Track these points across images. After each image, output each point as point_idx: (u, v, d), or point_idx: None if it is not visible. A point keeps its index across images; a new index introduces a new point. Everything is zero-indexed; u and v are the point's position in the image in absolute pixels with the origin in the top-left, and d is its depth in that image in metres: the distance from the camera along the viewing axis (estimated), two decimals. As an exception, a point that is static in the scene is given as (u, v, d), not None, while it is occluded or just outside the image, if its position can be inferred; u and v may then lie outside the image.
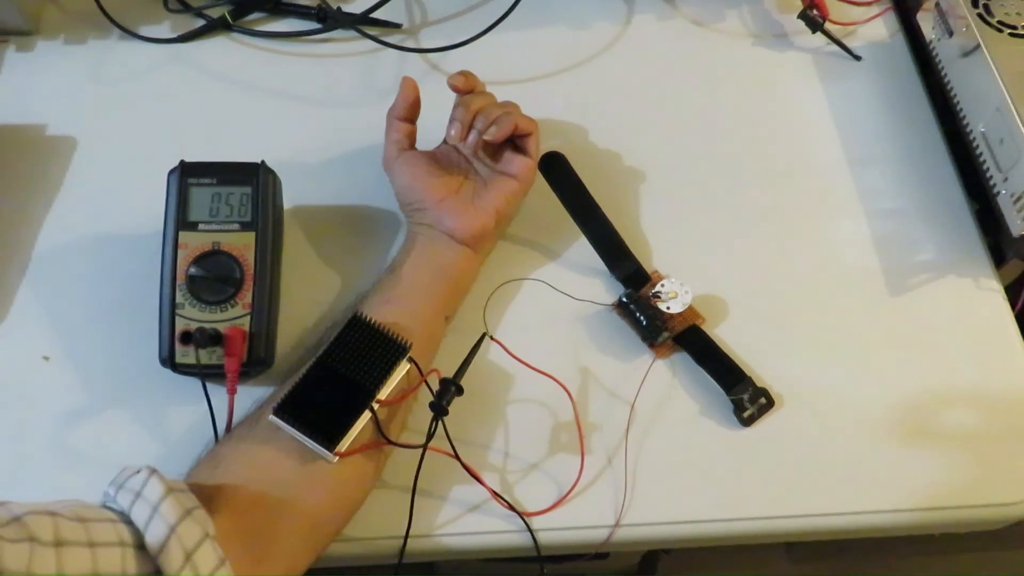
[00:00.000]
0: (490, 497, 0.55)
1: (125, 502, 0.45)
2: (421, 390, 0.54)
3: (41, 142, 0.70)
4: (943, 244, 0.67)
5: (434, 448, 0.53)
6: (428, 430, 0.53)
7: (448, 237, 0.61)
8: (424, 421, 0.53)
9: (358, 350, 0.52)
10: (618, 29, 0.78)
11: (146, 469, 0.46)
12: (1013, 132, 0.62)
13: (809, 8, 0.75)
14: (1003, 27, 0.66)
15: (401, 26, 0.78)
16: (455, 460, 0.54)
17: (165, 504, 0.44)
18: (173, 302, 0.57)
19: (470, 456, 0.55)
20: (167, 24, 0.77)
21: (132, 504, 0.44)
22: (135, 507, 0.44)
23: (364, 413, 0.51)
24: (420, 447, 0.53)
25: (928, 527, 0.58)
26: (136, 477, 0.46)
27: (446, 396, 0.53)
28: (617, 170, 0.70)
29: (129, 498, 0.45)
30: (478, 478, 0.55)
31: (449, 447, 0.54)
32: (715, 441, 0.59)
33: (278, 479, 0.52)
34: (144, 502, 0.44)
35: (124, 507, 0.45)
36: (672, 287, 0.61)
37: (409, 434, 0.57)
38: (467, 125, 0.61)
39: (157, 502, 0.44)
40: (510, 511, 0.55)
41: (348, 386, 0.50)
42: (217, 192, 0.59)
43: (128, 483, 0.46)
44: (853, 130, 0.72)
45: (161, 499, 0.44)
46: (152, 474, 0.46)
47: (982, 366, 0.62)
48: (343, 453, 0.51)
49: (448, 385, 0.54)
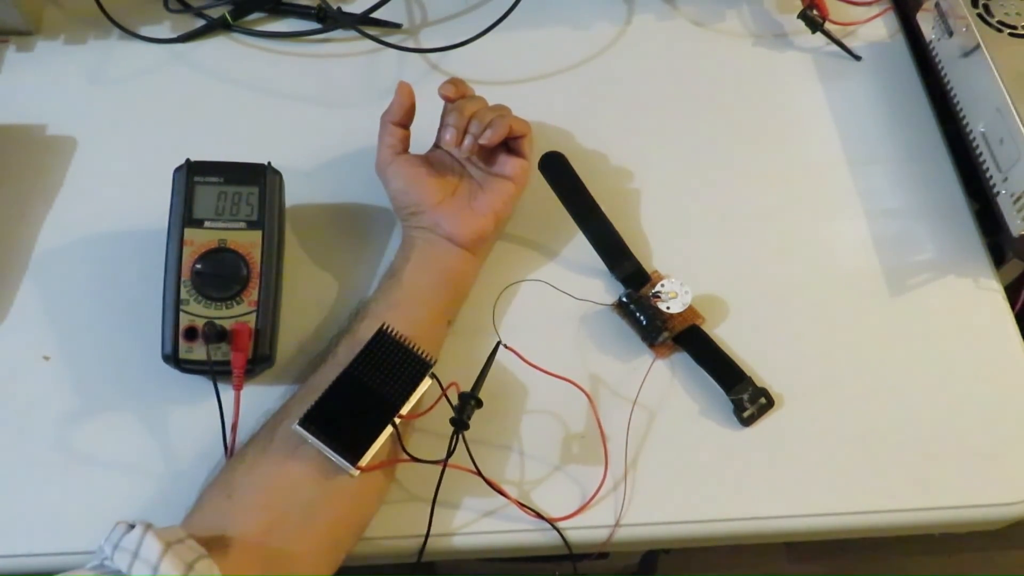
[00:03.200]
0: (506, 500, 0.55)
1: (123, 563, 0.44)
2: (431, 393, 0.54)
3: (41, 142, 0.70)
4: (943, 244, 0.67)
5: (454, 465, 0.53)
6: (448, 445, 0.53)
7: (447, 241, 0.61)
8: (438, 423, 0.53)
9: (384, 364, 0.52)
10: (618, 29, 0.78)
11: (140, 526, 0.45)
12: (1013, 132, 0.62)
13: (809, 8, 0.75)
14: (1003, 27, 0.66)
15: (401, 26, 0.78)
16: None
17: (165, 562, 0.43)
18: (178, 298, 0.57)
19: (486, 460, 0.55)
20: (167, 24, 0.77)
21: (130, 567, 0.44)
22: (134, 569, 0.44)
23: (387, 428, 0.51)
24: (440, 463, 0.53)
25: (928, 527, 0.58)
26: (131, 535, 0.45)
27: (466, 411, 0.53)
28: (617, 170, 0.70)
29: (127, 559, 0.44)
30: (501, 491, 0.55)
31: (470, 462, 0.53)
32: (715, 441, 0.59)
33: (298, 499, 0.51)
34: (143, 564, 0.44)
35: (123, 569, 0.44)
36: (672, 287, 0.61)
37: (428, 440, 0.57)
38: (461, 130, 0.61)
39: (156, 562, 0.44)
40: (537, 518, 0.55)
41: (373, 400, 0.50)
42: (223, 191, 0.59)
43: (123, 542, 0.45)
44: (853, 130, 0.72)
45: (160, 558, 0.44)
46: (147, 530, 0.45)
47: (982, 366, 0.62)
48: (365, 468, 0.51)
49: (467, 399, 0.53)
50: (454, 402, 0.53)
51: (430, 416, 0.53)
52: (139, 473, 0.57)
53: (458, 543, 0.56)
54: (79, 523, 0.55)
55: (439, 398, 0.53)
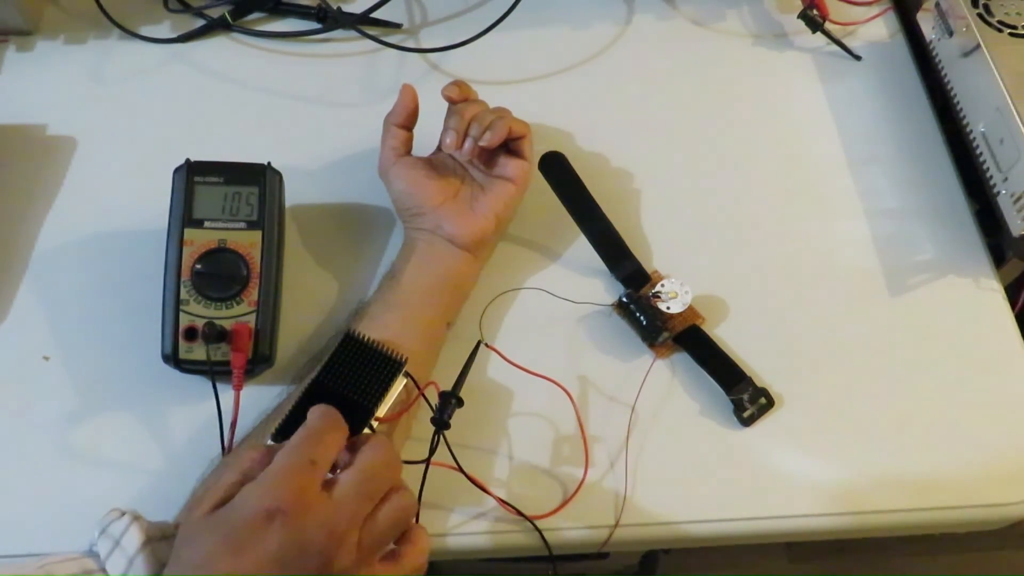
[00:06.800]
0: (494, 501, 0.55)
1: (104, 549, 0.45)
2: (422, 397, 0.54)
3: (41, 142, 0.70)
4: (943, 244, 0.67)
5: (437, 463, 0.53)
6: (430, 444, 0.53)
7: (448, 242, 0.61)
8: (426, 429, 0.53)
9: (354, 368, 0.51)
10: (618, 29, 0.78)
11: (129, 515, 0.46)
12: (1013, 132, 0.62)
13: (809, 8, 0.75)
14: (1003, 27, 0.66)
15: (401, 26, 0.78)
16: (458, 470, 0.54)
17: (139, 559, 0.44)
18: (177, 298, 0.57)
19: (472, 461, 0.55)
20: (167, 24, 0.77)
21: (110, 553, 0.45)
22: (111, 557, 0.44)
23: (364, 432, 0.51)
24: (423, 463, 0.53)
25: (928, 527, 0.58)
26: (118, 522, 0.46)
27: (447, 410, 0.53)
28: (617, 170, 0.70)
29: (108, 545, 0.45)
30: (483, 488, 0.55)
31: (452, 460, 0.53)
32: (715, 441, 0.59)
33: None
34: (121, 553, 0.44)
35: (102, 554, 0.45)
36: (672, 287, 0.61)
37: (411, 444, 0.57)
38: (462, 133, 0.61)
39: (133, 554, 0.44)
40: (517, 515, 0.55)
41: (346, 405, 0.49)
42: (224, 191, 0.59)
43: (110, 528, 0.46)
44: (853, 130, 0.72)
45: (137, 551, 0.44)
46: (134, 521, 0.46)
47: (982, 366, 0.62)
48: None
49: (448, 398, 0.53)
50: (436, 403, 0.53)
51: (414, 420, 0.53)
52: (139, 473, 0.57)
53: (450, 543, 0.56)
54: (79, 523, 0.55)
55: (416, 396, 0.53)
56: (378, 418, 0.51)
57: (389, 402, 0.52)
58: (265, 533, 0.40)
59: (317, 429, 0.45)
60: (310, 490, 0.42)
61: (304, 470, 0.43)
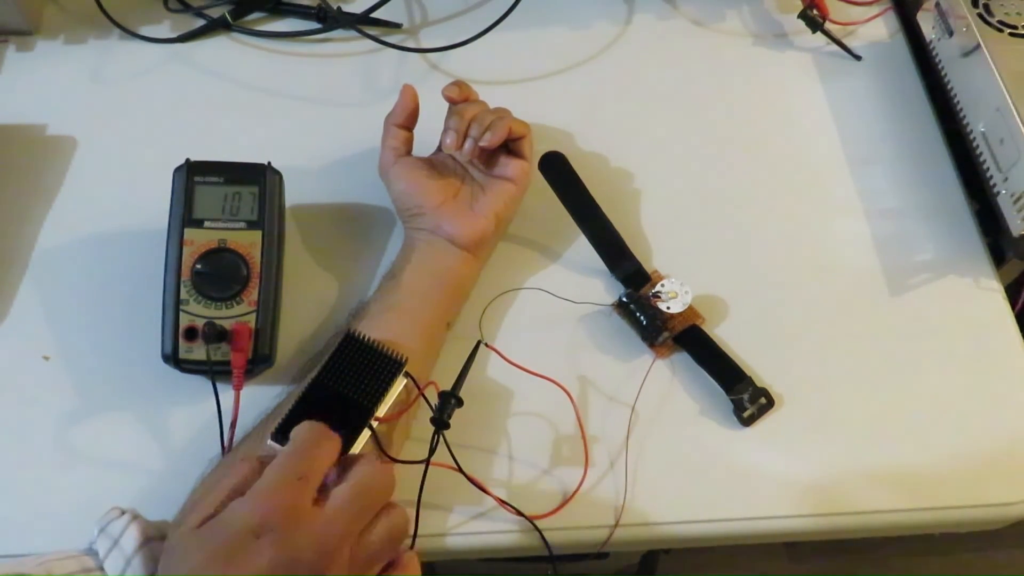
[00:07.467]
0: (494, 501, 0.55)
1: (102, 547, 0.45)
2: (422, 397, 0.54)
3: (41, 142, 0.70)
4: (943, 244, 0.67)
5: (437, 463, 0.53)
6: (430, 444, 0.52)
7: (448, 242, 0.61)
8: (426, 429, 0.53)
9: (354, 368, 0.51)
10: (618, 29, 0.78)
11: (129, 514, 0.46)
12: (1013, 132, 0.62)
13: (809, 8, 0.75)
14: (1003, 27, 0.66)
15: (401, 26, 0.78)
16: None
17: (137, 559, 0.44)
18: (177, 298, 0.57)
19: (471, 461, 0.55)
20: (167, 24, 0.77)
21: (108, 552, 0.45)
22: (110, 556, 0.45)
23: (364, 432, 0.51)
24: (423, 463, 0.53)
25: (928, 527, 0.58)
26: (118, 521, 0.46)
27: (446, 410, 0.53)
28: (617, 170, 0.70)
29: (107, 544, 0.45)
30: (483, 488, 0.54)
31: (452, 460, 0.53)
32: (715, 441, 0.59)
33: None
34: (119, 552, 0.45)
35: (100, 553, 0.45)
36: (672, 287, 0.61)
37: (410, 444, 0.57)
38: (462, 133, 0.61)
39: (131, 554, 0.44)
40: (517, 515, 0.55)
41: (346, 405, 0.49)
42: (224, 191, 0.59)
43: (109, 527, 0.46)
44: (853, 130, 0.72)
45: (135, 551, 0.44)
46: (133, 520, 0.46)
47: (982, 366, 0.62)
48: None
49: (447, 398, 0.53)
50: (436, 402, 0.53)
51: (420, 421, 0.53)
52: (139, 473, 0.57)
53: (449, 543, 0.56)
54: (79, 523, 0.55)
55: (416, 396, 0.53)
56: (378, 418, 0.51)
57: (389, 402, 0.52)
58: (255, 549, 0.40)
59: (305, 443, 0.45)
60: (300, 506, 0.42)
61: (292, 486, 0.42)
